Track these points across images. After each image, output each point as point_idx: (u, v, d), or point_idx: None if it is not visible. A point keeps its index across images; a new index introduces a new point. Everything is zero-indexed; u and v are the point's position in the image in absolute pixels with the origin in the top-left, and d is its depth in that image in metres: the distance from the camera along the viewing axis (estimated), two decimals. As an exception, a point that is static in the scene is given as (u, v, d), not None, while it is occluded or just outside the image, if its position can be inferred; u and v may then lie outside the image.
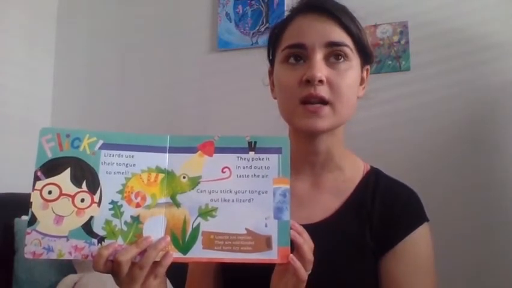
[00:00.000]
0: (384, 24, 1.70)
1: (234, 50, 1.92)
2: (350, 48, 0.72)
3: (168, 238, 0.60)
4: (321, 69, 0.70)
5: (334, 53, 0.71)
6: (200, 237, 0.60)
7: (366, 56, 0.77)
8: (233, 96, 1.91)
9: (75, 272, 1.49)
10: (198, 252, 0.60)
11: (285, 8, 1.82)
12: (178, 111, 1.98)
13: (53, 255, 0.58)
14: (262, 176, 0.62)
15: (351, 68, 0.73)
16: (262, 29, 1.87)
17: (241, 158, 0.62)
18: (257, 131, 1.82)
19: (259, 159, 0.62)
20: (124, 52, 2.12)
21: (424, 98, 1.65)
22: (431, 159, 1.61)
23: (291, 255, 0.59)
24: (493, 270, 1.51)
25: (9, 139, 1.86)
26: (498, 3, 1.62)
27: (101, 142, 0.61)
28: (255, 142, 0.63)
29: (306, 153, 0.77)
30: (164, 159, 0.62)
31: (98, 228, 0.59)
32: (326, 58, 0.72)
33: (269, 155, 0.62)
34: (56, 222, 0.58)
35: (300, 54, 0.73)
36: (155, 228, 0.60)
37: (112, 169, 0.61)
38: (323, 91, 0.70)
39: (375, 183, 0.78)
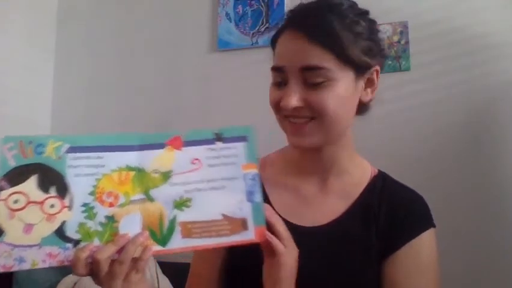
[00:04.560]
0: (384, 24, 1.70)
1: (234, 50, 1.92)
2: (327, 69, 0.67)
3: (146, 233, 0.60)
4: (295, 96, 0.68)
5: (311, 77, 0.68)
6: (178, 228, 0.61)
7: (362, 65, 0.71)
8: (233, 96, 1.91)
9: (75, 272, 1.49)
10: (178, 243, 0.60)
11: (285, 8, 1.83)
12: (178, 111, 1.98)
13: (26, 266, 0.56)
14: (231, 164, 0.64)
15: (335, 86, 0.68)
16: (262, 29, 1.87)
17: (209, 149, 0.64)
18: (257, 130, 1.83)
19: (227, 148, 0.65)
20: (124, 52, 2.12)
21: (424, 98, 1.65)
22: (431, 159, 1.61)
23: (267, 232, 0.62)
24: (493, 271, 1.51)
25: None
26: (498, 4, 1.62)
27: (67, 146, 0.60)
28: (221, 133, 0.65)
29: (310, 159, 0.78)
30: (133, 157, 0.62)
31: (71, 232, 0.58)
32: (304, 81, 0.69)
33: (235, 144, 0.65)
34: (25, 231, 0.57)
35: (281, 79, 0.71)
36: (131, 225, 0.60)
37: (81, 172, 0.60)
38: (303, 113, 0.69)
39: (382, 187, 0.78)
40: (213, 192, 0.63)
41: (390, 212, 0.75)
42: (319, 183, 0.79)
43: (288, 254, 0.63)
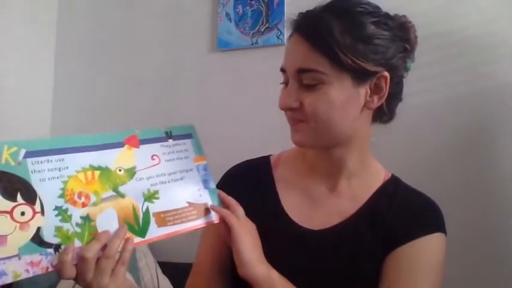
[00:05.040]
0: (384, 24, 1.70)
1: (234, 50, 1.92)
2: (321, 73, 0.68)
3: (126, 226, 0.62)
4: (291, 97, 0.71)
5: (305, 79, 0.69)
6: (152, 219, 0.65)
7: (359, 70, 0.69)
8: (233, 96, 1.91)
9: (75, 272, 1.48)
10: (155, 232, 0.65)
11: (285, 8, 1.83)
12: (178, 111, 1.98)
13: (8, 279, 0.53)
14: (184, 158, 0.72)
15: (328, 89, 0.69)
16: (262, 29, 1.87)
17: (164, 145, 0.71)
18: (257, 130, 1.83)
19: (178, 144, 0.73)
20: (124, 52, 2.12)
21: (424, 98, 1.65)
22: (431, 159, 1.61)
23: (215, 206, 0.72)
24: (493, 271, 1.50)
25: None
26: (498, 4, 1.62)
27: (24, 151, 0.58)
28: (171, 131, 0.73)
29: (321, 159, 0.79)
30: (95, 157, 0.64)
31: (49, 237, 0.57)
32: (300, 82, 0.70)
33: (184, 140, 0.74)
34: None
35: (286, 79, 0.74)
36: (108, 222, 0.61)
37: (45, 175, 0.59)
38: (298, 115, 0.71)
39: (393, 192, 0.78)
40: (175, 184, 0.70)
41: (398, 216, 0.75)
42: (329, 185, 0.80)
43: (233, 216, 0.69)
